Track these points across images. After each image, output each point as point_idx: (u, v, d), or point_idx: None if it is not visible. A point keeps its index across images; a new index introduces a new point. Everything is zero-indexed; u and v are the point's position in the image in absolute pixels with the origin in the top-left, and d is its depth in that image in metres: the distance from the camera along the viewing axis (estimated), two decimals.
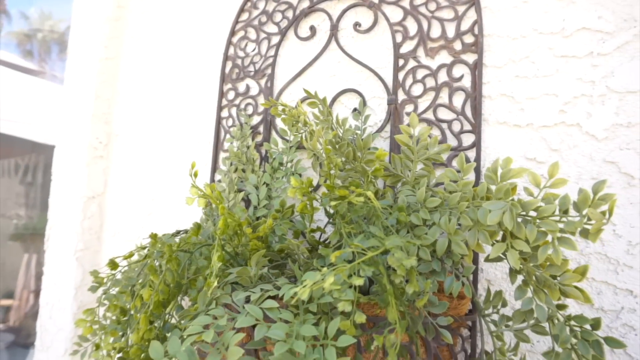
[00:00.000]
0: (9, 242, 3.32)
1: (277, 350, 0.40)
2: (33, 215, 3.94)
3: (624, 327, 0.53)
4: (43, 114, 3.66)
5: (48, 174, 3.77)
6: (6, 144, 3.65)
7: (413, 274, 0.46)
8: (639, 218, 0.54)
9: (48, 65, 7.79)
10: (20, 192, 3.88)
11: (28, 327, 1.68)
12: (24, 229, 3.68)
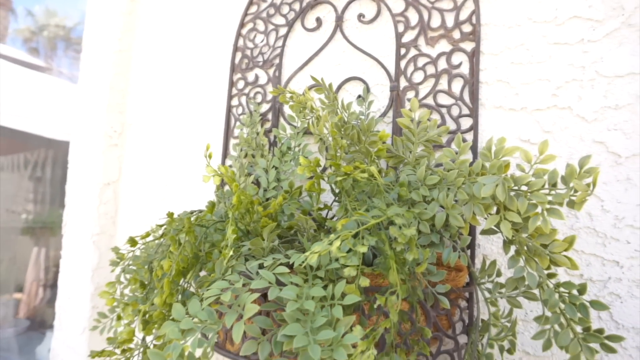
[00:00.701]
0: (19, 237, 3.38)
1: (288, 308, 0.44)
2: (43, 210, 4.00)
3: (611, 295, 0.57)
4: (52, 110, 3.71)
5: (57, 168, 3.82)
6: (16, 139, 3.70)
7: (413, 243, 0.50)
8: (625, 194, 0.57)
9: (54, 62, 7.84)
10: (30, 187, 3.94)
11: (43, 314, 1.74)
12: (33, 222, 3.74)
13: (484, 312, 0.64)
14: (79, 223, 1.04)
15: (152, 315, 0.54)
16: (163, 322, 0.55)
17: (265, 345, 0.45)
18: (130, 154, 1.06)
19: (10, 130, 3.66)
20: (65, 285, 1.05)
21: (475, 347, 0.56)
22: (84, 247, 1.02)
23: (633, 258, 0.56)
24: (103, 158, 1.03)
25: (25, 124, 3.63)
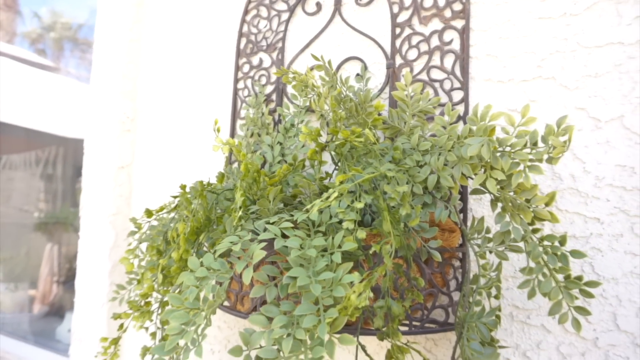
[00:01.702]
0: (32, 234, 3.46)
1: (292, 254, 0.49)
2: (55, 206, 4.09)
3: (593, 250, 0.62)
4: (62, 108, 3.79)
5: (68, 165, 3.89)
6: (27, 138, 3.78)
7: (406, 199, 0.54)
8: (605, 156, 0.61)
9: (62, 62, 7.96)
10: (42, 184, 4.02)
11: (61, 300, 1.80)
12: (46, 218, 3.83)
13: (475, 270, 0.69)
14: (96, 205, 1.10)
15: (170, 270, 0.59)
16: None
17: (272, 289, 0.50)
18: (142, 138, 1.12)
19: (21, 129, 3.74)
20: (83, 263, 1.11)
21: (467, 298, 0.61)
22: (101, 227, 1.07)
23: (612, 214, 0.61)
24: (117, 143, 1.09)
25: (36, 123, 3.71)
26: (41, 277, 3.15)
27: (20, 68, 3.89)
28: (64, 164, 4.23)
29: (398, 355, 0.55)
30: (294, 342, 0.45)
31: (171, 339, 0.46)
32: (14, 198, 3.75)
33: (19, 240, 2.84)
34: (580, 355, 0.61)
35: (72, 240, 2.86)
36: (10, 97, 3.40)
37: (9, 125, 3.49)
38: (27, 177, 3.95)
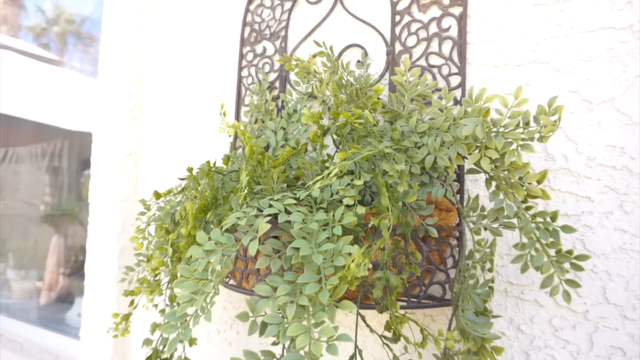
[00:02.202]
0: (39, 225, 3.50)
1: (295, 227, 0.52)
2: (61, 198, 4.13)
3: (584, 227, 0.64)
4: (67, 101, 3.82)
5: (73, 158, 3.92)
6: (33, 131, 3.82)
7: (403, 176, 0.57)
8: (596, 136, 0.64)
9: (65, 56, 7.99)
10: (48, 176, 4.06)
11: (69, 287, 1.85)
12: (52, 210, 3.87)
13: (471, 247, 0.72)
14: (104, 191, 1.13)
15: (179, 246, 0.62)
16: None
17: (276, 261, 0.53)
18: (149, 126, 1.15)
19: (27, 122, 3.77)
20: (93, 248, 1.14)
21: (462, 273, 0.64)
22: (110, 213, 1.11)
23: (603, 193, 0.63)
24: (124, 131, 1.12)
25: (41, 116, 3.74)
26: (48, 268, 3.20)
27: (25, 62, 3.92)
28: (70, 156, 4.26)
29: (397, 326, 0.58)
30: (297, 308, 0.48)
31: (182, 306, 0.49)
32: (21, 190, 3.79)
33: (26, 231, 2.88)
34: (572, 327, 0.64)
35: (78, 232, 2.90)
36: (16, 90, 3.43)
37: (15, 118, 3.53)
38: (33, 169, 3.99)
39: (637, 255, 0.61)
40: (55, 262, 3.32)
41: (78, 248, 2.37)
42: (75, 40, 8.03)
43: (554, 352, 0.65)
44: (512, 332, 0.68)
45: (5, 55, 3.66)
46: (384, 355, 0.76)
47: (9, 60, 3.58)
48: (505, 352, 0.68)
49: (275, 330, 0.47)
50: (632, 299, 0.60)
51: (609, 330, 0.62)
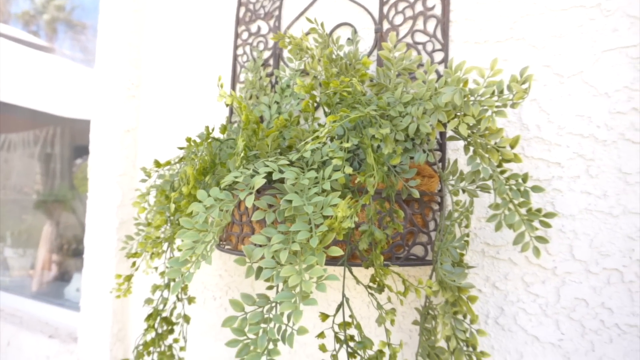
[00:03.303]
0: (32, 211, 3.50)
1: (288, 182, 0.57)
2: (53, 184, 4.14)
3: (554, 190, 0.70)
4: (59, 88, 3.82)
5: (65, 145, 3.94)
6: (25, 117, 3.82)
7: (388, 139, 0.62)
8: (566, 107, 0.69)
9: (56, 44, 7.95)
10: (40, 163, 4.07)
11: (66, 266, 1.88)
12: (44, 196, 3.88)
13: (450, 209, 0.77)
14: (103, 166, 1.17)
15: (180, 205, 0.67)
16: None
17: (270, 214, 0.58)
18: (146, 104, 1.18)
19: (20, 109, 3.77)
20: (92, 221, 1.18)
21: (442, 233, 0.69)
22: (109, 187, 1.15)
23: (571, 159, 0.68)
24: (123, 108, 1.15)
25: (34, 103, 3.74)
26: (39, 257, 3.20)
27: (16, 48, 3.91)
28: (62, 143, 4.27)
29: (381, 277, 0.63)
30: (290, 254, 0.53)
31: (184, 253, 0.54)
32: (13, 177, 3.79)
33: (19, 217, 2.89)
34: (541, 282, 0.70)
35: (70, 218, 2.91)
36: (8, 76, 3.43)
37: (7, 105, 3.52)
38: (25, 156, 3.99)
39: (600, 216, 0.66)
40: (48, 248, 3.33)
41: (71, 236, 2.39)
42: (65, 28, 7.99)
43: (525, 306, 0.71)
44: (488, 289, 0.74)
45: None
46: (369, 305, 0.82)
47: (0, 47, 3.57)
48: (482, 307, 0.74)
49: (269, 273, 0.52)
50: (596, 255, 0.66)
51: (575, 283, 0.67)
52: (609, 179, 0.66)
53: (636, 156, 0.64)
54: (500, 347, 0.72)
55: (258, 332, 0.52)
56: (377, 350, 0.62)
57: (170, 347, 0.80)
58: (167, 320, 0.80)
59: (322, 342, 0.85)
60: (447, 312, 0.64)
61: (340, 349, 0.63)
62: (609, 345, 0.65)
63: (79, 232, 2.27)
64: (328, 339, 0.82)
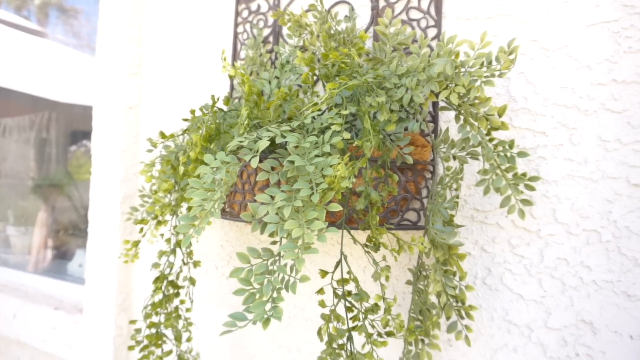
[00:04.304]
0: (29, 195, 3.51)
1: (290, 146, 0.61)
2: (49, 169, 4.15)
3: (539, 158, 0.74)
4: (54, 73, 3.81)
5: (61, 129, 3.94)
6: (21, 102, 3.81)
7: (383, 107, 0.66)
8: (551, 79, 0.73)
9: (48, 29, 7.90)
10: (36, 147, 4.08)
11: (68, 244, 1.92)
12: (41, 180, 3.90)
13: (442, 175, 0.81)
14: (106, 142, 1.20)
15: (188, 169, 0.71)
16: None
17: (274, 175, 0.62)
18: (148, 81, 1.21)
19: (16, 93, 3.76)
20: (96, 196, 1.22)
21: (435, 197, 0.73)
22: (112, 162, 1.18)
23: (555, 128, 0.73)
24: (125, 85, 1.18)
25: (29, 87, 3.73)
26: (34, 244, 3.21)
27: (10, 32, 3.88)
28: (57, 128, 4.26)
29: (376, 237, 0.68)
30: (293, 210, 0.57)
31: (194, 209, 0.58)
32: (9, 160, 3.80)
33: (20, 196, 2.91)
34: (526, 244, 0.74)
35: (66, 203, 2.93)
36: (3, 60, 3.41)
37: (3, 89, 3.52)
38: (21, 140, 3.99)
39: (581, 181, 0.71)
40: (45, 232, 3.35)
41: (67, 222, 2.41)
42: (57, 13, 7.89)
43: (511, 267, 0.76)
44: (477, 252, 0.79)
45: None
46: (365, 270, 0.86)
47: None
48: (471, 269, 0.79)
49: (274, 227, 0.56)
50: (576, 217, 0.71)
51: (557, 245, 0.72)
52: (589, 147, 0.70)
53: (615, 124, 0.69)
54: (487, 306, 0.77)
55: (263, 281, 0.56)
56: (373, 303, 0.67)
57: (176, 308, 0.84)
58: (173, 284, 0.84)
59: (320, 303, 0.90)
60: (438, 270, 0.69)
61: (339, 303, 0.68)
62: (586, 300, 0.70)
63: (74, 218, 2.29)
64: (327, 295, 0.86)
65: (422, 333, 0.70)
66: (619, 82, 0.69)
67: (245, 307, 0.55)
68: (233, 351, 1.05)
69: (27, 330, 1.40)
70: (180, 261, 0.84)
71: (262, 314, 0.53)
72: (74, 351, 1.27)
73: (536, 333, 0.73)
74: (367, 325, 0.66)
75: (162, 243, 1.12)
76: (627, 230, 0.67)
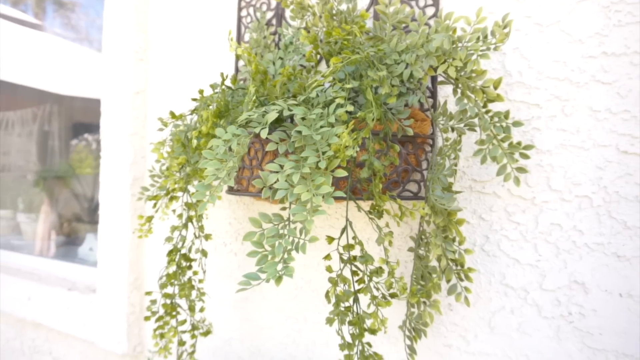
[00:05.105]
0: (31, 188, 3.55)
1: (297, 117, 0.64)
2: (53, 162, 4.19)
3: (533, 129, 0.78)
4: (55, 66, 3.83)
5: (63, 122, 3.97)
6: (23, 96, 3.84)
7: (384, 81, 0.69)
8: (545, 54, 0.77)
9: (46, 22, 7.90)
10: (40, 140, 4.11)
11: (77, 231, 1.96)
12: (44, 173, 3.94)
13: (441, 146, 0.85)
14: (115, 127, 1.23)
15: (200, 144, 0.75)
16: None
17: (282, 146, 0.66)
18: (155, 67, 1.25)
19: (18, 87, 3.78)
20: (106, 179, 1.26)
21: (434, 167, 0.77)
22: (121, 146, 1.22)
23: (549, 100, 0.76)
24: (132, 71, 1.22)
25: (32, 81, 3.76)
26: (38, 236, 3.26)
27: (9, 26, 3.90)
28: (59, 121, 4.29)
29: (379, 203, 0.71)
30: (301, 177, 0.61)
31: (208, 178, 0.62)
32: (12, 154, 3.83)
33: (25, 189, 2.95)
34: (522, 212, 0.78)
35: (69, 195, 2.96)
36: (5, 54, 3.44)
37: (6, 83, 3.55)
38: (24, 133, 4.02)
39: (574, 149, 0.74)
40: (49, 225, 3.39)
41: (71, 214, 2.45)
42: (54, 7, 7.88)
43: (507, 233, 0.80)
44: (475, 220, 0.83)
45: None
46: (369, 241, 0.90)
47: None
48: (470, 236, 0.83)
49: (284, 193, 0.60)
50: (569, 184, 0.75)
51: (551, 211, 0.76)
52: (581, 117, 0.74)
53: (605, 95, 0.72)
54: (485, 271, 0.81)
55: (274, 244, 0.60)
56: (377, 266, 0.71)
57: (190, 279, 0.88)
58: (186, 257, 0.89)
59: (327, 268, 0.94)
60: (438, 235, 0.73)
61: (344, 268, 0.72)
62: (579, 262, 0.74)
63: (80, 206, 2.33)
64: (334, 262, 0.90)
65: (424, 295, 0.74)
66: (609, 55, 0.72)
67: (259, 267, 0.59)
68: (243, 324, 1.10)
69: (42, 311, 1.45)
70: (192, 235, 0.88)
71: (274, 273, 0.57)
72: (89, 329, 1.31)
73: (532, 295, 0.77)
74: (371, 287, 0.70)
75: (173, 220, 1.16)
76: (617, 195, 0.71)
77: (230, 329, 1.12)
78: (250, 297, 1.09)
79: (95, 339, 1.29)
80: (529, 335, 0.77)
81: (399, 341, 0.89)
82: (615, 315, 0.71)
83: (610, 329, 0.71)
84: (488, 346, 0.81)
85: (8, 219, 2.31)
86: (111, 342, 1.24)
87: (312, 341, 1.00)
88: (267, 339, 1.07)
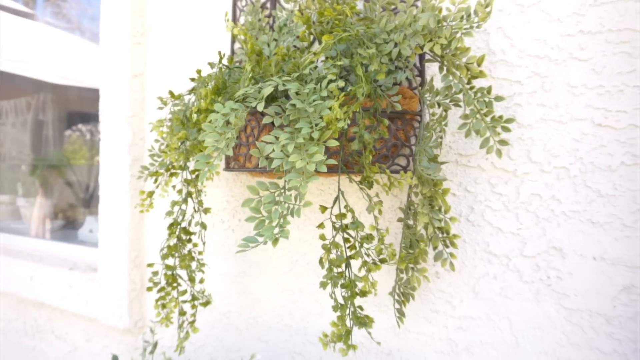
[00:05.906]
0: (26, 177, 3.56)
1: (291, 92, 0.68)
2: (47, 151, 4.20)
3: (515, 105, 0.82)
4: (49, 55, 3.83)
5: (57, 111, 3.97)
6: (17, 84, 3.83)
7: (374, 58, 0.73)
8: (526, 33, 0.81)
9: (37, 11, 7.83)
10: (34, 129, 4.11)
11: (75, 215, 2.00)
12: (38, 161, 3.95)
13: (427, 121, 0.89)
14: (114, 109, 1.27)
15: (199, 120, 0.78)
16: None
17: (278, 119, 0.70)
18: (151, 51, 1.28)
19: (12, 76, 3.78)
20: (106, 160, 1.29)
21: (422, 141, 0.81)
22: (120, 128, 1.25)
23: (530, 77, 0.81)
24: (130, 54, 1.25)
25: (26, 70, 3.75)
26: (33, 225, 3.28)
27: (2, 15, 3.88)
28: (54, 110, 4.29)
29: (370, 174, 0.76)
30: (295, 147, 0.65)
31: (209, 149, 0.66)
32: (7, 143, 3.84)
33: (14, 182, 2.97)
34: (504, 183, 0.83)
35: (63, 186, 2.98)
36: None
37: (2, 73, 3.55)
38: (18, 122, 4.02)
39: (552, 123, 0.79)
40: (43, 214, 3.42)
41: (66, 205, 2.47)
42: None
43: (491, 204, 0.84)
44: (461, 192, 0.87)
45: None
46: (362, 206, 0.95)
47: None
48: (456, 208, 0.88)
49: (279, 162, 0.64)
50: (548, 156, 0.79)
51: (531, 182, 0.81)
52: (559, 92, 0.78)
53: (581, 72, 0.77)
54: (470, 240, 0.86)
55: (271, 209, 0.64)
56: (367, 233, 0.76)
57: (190, 251, 0.93)
58: (186, 230, 0.93)
59: (321, 236, 0.98)
60: (425, 205, 0.78)
61: (337, 235, 0.76)
62: (557, 230, 0.79)
63: (72, 200, 2.36)
64: (327, 231, 0.95)
65: (411, 261, 0.79)
66: (585, 33, 0.76)
67: (257, 232, 0.64)
68: (240, 297, 1.15)
69: (44, 291, 1.49)
70: (192, 209, 0.91)
71: (271, 236, 0.62)
72: (91, 306, 1.35)
73: (513, 261, 0.82)
74: (362, 253, 0.75)
75: (173, 197, 1.20)
76: (592, 165, 0.76)
77: (229, 302, 1.17)
78: (248, 272, 1.13)
79: (97, 315, 1.34)
80: (511, 299, 0.82)
81: (390, 309, 0.94)
82: (589, 278, 0.76)
83: (584, 291, 0.76)
84: (473, 310, 0.86)
85: (7, 203, 2.34)
86: (113, 317, 1.29)
87: (307, 311, 1.05)
88: (264, 311, 1.11)
